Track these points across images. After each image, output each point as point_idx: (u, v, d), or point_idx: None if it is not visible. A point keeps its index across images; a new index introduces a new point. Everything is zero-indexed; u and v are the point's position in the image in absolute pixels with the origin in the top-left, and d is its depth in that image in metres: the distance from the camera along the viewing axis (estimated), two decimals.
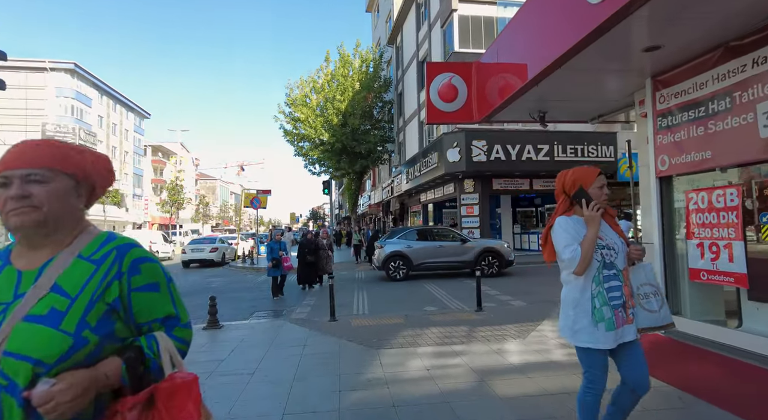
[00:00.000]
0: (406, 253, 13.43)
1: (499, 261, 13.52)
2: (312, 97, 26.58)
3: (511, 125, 19.02)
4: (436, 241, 14.01)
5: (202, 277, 16.62)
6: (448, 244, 13.83)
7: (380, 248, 13.75)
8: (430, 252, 13.61)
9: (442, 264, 13.66)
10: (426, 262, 13.53)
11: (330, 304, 7.57)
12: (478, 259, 13.36)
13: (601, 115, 8.11)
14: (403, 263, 13.34)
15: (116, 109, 55.18)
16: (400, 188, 26.64)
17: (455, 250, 13.64)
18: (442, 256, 13.63)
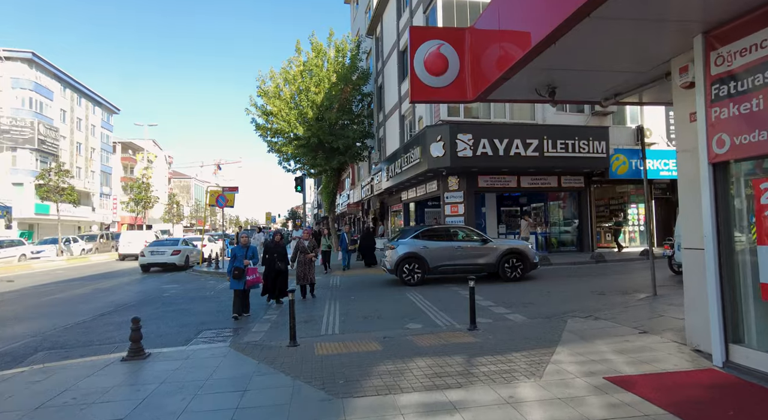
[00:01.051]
0: (421, 254, 12.00)
1: (523, 263, 12.21)
2: (285, 90, 24.89)
3: (498, 118, 17.78)
4: (454, 241, 12.45)
5: (158, 284, 14.87)
6: (467, 244, 12.32)
7: (392, 249, 12.26)
8: (448, 253, 12.15)
9: (461, 267, 12.12)
10: (443, 265, 12.10)
11: (290, 325, 6.07)
12: (501, 261, 12.09)
13: (618, 93, 6.77)
14: (418, 266, 11.95)
15: (81, 103, 52.28)
16: (380, 186, 25.21)
17: (476, 252, 12.21)
18: (461, 258, 12.16)
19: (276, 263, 9.61)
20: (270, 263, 9.71)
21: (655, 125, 18.96)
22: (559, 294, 9.83)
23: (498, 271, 12.11)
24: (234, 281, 8.41)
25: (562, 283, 11.51)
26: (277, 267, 9.61)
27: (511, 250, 12.26)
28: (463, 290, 10.60)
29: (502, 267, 12.09)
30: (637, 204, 20.16)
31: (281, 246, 9.90)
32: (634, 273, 12.87)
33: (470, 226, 14.75)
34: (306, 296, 10.36)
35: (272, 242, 10.08)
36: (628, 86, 6.31)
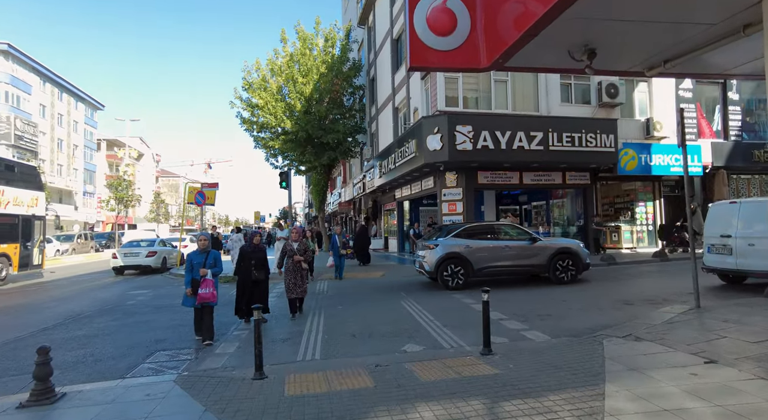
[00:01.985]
0: (464, 255, 10.70)
1: (575, 265, 11.08)
2: (271, 81, 23.47)
3: (500, 109, 16.51)
4: (500, 240, 11.22)
5: (126, 289, 13.42)
6: (515, 243, 11.14)
7: (431, 248, 10.92)
8: (494, 254, 10.92)
9: (508, 269, 11.02)
10: (489, 267, 10.86)
11: (255, 352, 4.72)
12: (552, 262, 10.96)
13: (668, 59, 5.47)
14: (462, 268, 10.65)
15: (62, 98, 50.37)
16: (373, 184, 23.88)
17: (524, 252, 11.03)
18: (508, 258, 10.96)
19: (252, 272, 7.73)
20: (245, 272, 7.81)
21: (665, 118, 17.79)
22: (577, 303, 8.56)
23: (548, 272, 11.00)
24: (186, 298, 6.63)
25: (577, 289, 10.24)
26: (254, 277, 7.73)
27: (562, 250, 11.13)
28: (466, 298, 9.31)
29: (552, 268, 10.96)
30: (645, 202, 18.98)
31: (260, 250, 8.05)
32: (653, 277, 11.67)
33: (510, 223, 13.49)
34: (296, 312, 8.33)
35: (249, 245, 8.21)
36: (684, 47, 5.02)
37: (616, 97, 17.02)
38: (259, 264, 7.84)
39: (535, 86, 17.02)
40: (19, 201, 16.15)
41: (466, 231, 11.29)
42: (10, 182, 15.78)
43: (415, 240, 21.17)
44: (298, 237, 8.53)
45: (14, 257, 15.80)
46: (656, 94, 18.22)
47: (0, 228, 15.29)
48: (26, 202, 16.54)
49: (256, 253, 7.98)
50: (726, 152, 18.58)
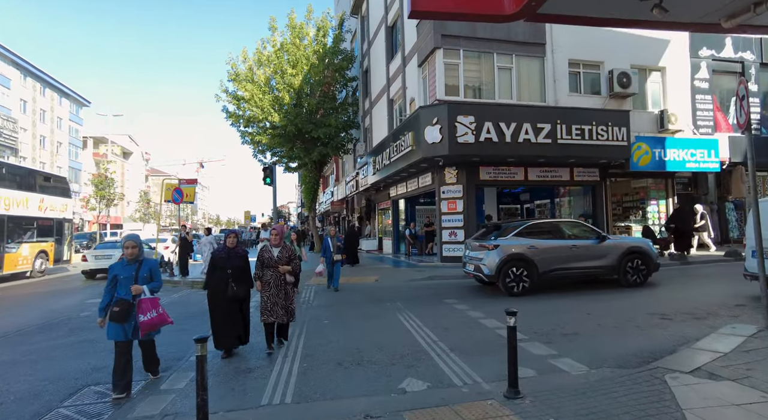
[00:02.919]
0: (529, 256, 9.53)
1: (646, 265, 10.05)
2: (258, 72, 22.06)
3: (504, 98, 15.22)
4: (566, 239, 10.04)
5: (86, 297, 11.98)
6: (581, 243, 9.99)
7: (489, 249, 9.72)
8: (561, 254, 9.76)
9: (576, 271, 9.85)
10: (556, 269, 9.69)
11: (197, 401, 3.38)
12: (622, 263, 9.92)
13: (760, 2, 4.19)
14: (526, 271, 9.48)
15: (45, 94, 48.57)
16: (366, 181, 22.52)
17: (593, 252, 9.92)
18: (575, 259, 9.79)
19: (230, 286, 5.73)
20: (217, 287, 5.78)
21: (681, 110, 16.58)
22: (604, 316, 7.25)
23: (617, 275, 9.94)
24: (113, 326, 4.57)
25: (599, 298, 8.95)
26: (231, 293, 5.70)
27: (632, 249, 10.05)
28: (473, 311, 7.98)
29: (623, 270, 9.89)
30: (657, 200, 17.76)
31: (238, 256, 5.91)
32: (677, 283, 10.39)
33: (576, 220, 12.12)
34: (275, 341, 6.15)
35: (222, 249, 5.99)
36: None
37: (628, 87, 15.77)
38: (238, 275, 5.78)
39: (542, 74, 15.74)
40: (54, 207, 18.97)
41: (527, 229, 10.01)
42: (46, 191, 18.60)
43: (412, 241, 19.95)
44: (279, 240, 6.18)
45: (51, 253, 18.54)
46: (670, 85, 16.99)
47: (40, 229, 18.00)
48: (58, 208, 19.39)
49: (232, 259, 5.82)
50: (744, 147, 17.35)
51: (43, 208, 18.12)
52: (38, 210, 17.79)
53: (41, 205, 17.96)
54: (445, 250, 15.44)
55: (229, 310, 5.78)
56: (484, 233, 11.02)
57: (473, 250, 10.38)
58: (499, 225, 10.70)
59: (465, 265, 10.84)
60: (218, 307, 5.81)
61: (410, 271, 14.65)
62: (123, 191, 66.87)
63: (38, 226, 17.85)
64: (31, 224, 17.51)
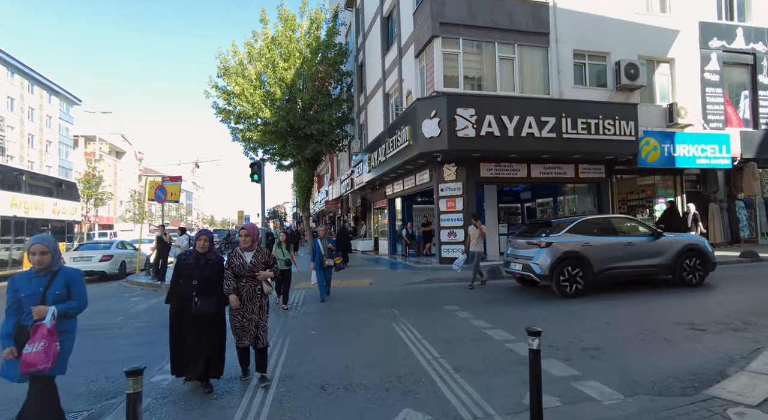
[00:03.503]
0: (583, 254, 8.89)
1: (703, 264, 9.54)
2: (249, 67, 21.19)
3: (506, 90, 14.43)
4: (620, 236, 9.44)
5: None
6: (636, 240, 9.39)
7: (540, 247, 9.06)
8: (616, 252, 9.14)
9: (631, 270, 9.26)
10: (610, 269, 9.07)
11: None
12: (679, 261, 9.42)
13: None
14: (580, 270, 8.86)
15: (34, 91, 47.52)
16: (361, 180, 21.67)
17: (649, 249, 9.35)
18: (631, 258, 9.20)
19: (194, 301, 4.47)
20: (182, 300, 4.57)
21: (690, 104, 15.82)
22: (625, 325, 6.45)
23: (672, 274, 9.45)
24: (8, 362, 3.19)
25: (615, 303, 8.15)
26: (196, 308, 4.45)
27: (689, 247, 9.52)
28: (476, 320, 7.16)
29: (679, 269, 9.39)
30: (665, 198, 16.98)
31: (210, 262, 4.66)
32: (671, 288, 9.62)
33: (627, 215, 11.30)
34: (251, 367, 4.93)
35: (191, 254, 4.71)
36: None
37: (636, 79, 15.00)
38: (205, 287, 4.53)
39: (546, 65, 14.96)
40: (65, 210, 20.72)
41: (579, 225, 9.34)
42: (59, 195, 20.44)
43: (409, 241, 19.12)
44: (251, 243, 4.79)
45: (63, 252, 18.28)
46: (679, 77, 16.24)
47: (54, 230, 19.40)
48: (69, 211, 21.13)
49: (201, 267, 4.59)
50: (756, 142, 16.65)
51: (56, 211, 19.99)
52: (52, 213, 19.64)
53: (54, 208, 19.85)
54: (444, 251, 14.63)
55: (193, 331, 4.50)
56: (529, 230, 10.35)
57: (520, 248, 9.74)
58: (549, 221, 9.98)
59: (508, 265, 10.17)
60: (180, 326, 4.59)
61: (407, 273, 13.84)
62: (114, 191, 65.89)
63: (52, 227, 19.54)
64: (46, 226, 19.20)
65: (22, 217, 17.26)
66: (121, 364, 5.61)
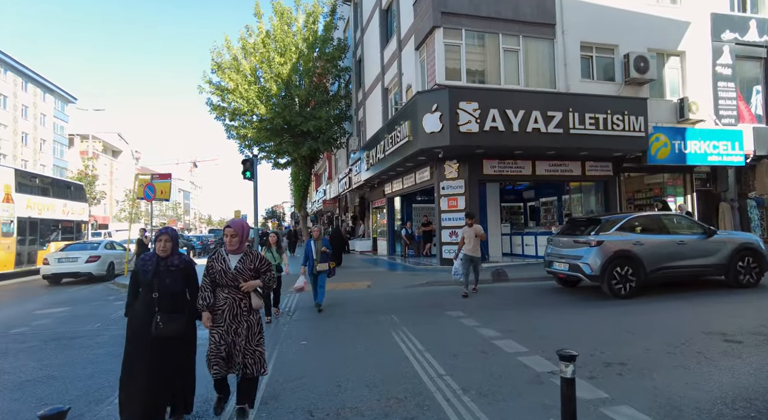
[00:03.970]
0: (635, 253, 8.49)
1: (759, 264, 9.14)
2: (243, 62, 20.55)
3: (511, 84, 13.80)
4: (671, 234, 9.00)
5: (37, 306, 10.41)
6: (688, 238, 8.98)
7: (590, 245, 8.60)
8: (668, 251, 8.73)
9: (683, 270, 8.87)
10: (663, 268, 8.66)
11: None
12: (733, 261, 9.03)
13: None
14: (632, 270, 8.45)
15: (27, 89, 46.77)
16: (359, 178, 21.04)
17: (701, 248, 8.95)
18: (683, 257, 8.80)
19: (155, 321, 3.53)
20: (139, 318, 3.61)
21: (701, 98, 15.20)
22: (648, 335, 5.83)
23: (725, 274, 9.09)
24: None
25: (632, 309, 7.53)
26: (157, 330, 3.52)
27: (744, 246, 9.13)
28: (484, 329, 6.53)
29: (733, 269, 8.99)
30: (674, 197, 16.36)
31: (172, 270, 3.71)
32: (713, 289, 9.00)
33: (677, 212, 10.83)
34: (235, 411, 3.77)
35: (150, 259, 3.73)
36: None
37: (646, 73, 14.37)
38: (169, 301, 3.60)
39: (552, 58, 14.33)
40: (74, 210, 22.20)
41: (629, 223, 8.93)
42: (68, 197, 21.83)
43: (408, 241, 18.49)
44: (238, 244, 3.80)
45: None
46: (690, 71, 15.61)
47: (64, 230, 21.11)
48: (77, 211, 22.65)
49: (162, 276, 3.64)
50: None
51: (66, 211, 21.35)
52: (62, 213, 21.04)
53: (64, 209, 21.23)
54: (445, 252, 14.01)
55: (152, 358, 3.51)
56: (571, 228, 9.83)
57: (566, 247, 9.23)
58: (596, 218, 9.47)
59: (550, 265, 9.63)
60: (135, 351, 3.57)
61: (407, 275, 13.22)
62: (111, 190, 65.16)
63: (62, 227, 21.01)
64: (56, 226, 20.68)
65: (36, 218, 18.83)
66: (85, 381, 4.98)
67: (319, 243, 8.56)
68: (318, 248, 8.53)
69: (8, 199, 17.14)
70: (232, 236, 3.80)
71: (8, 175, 17.65)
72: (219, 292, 3.74)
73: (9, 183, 17.36)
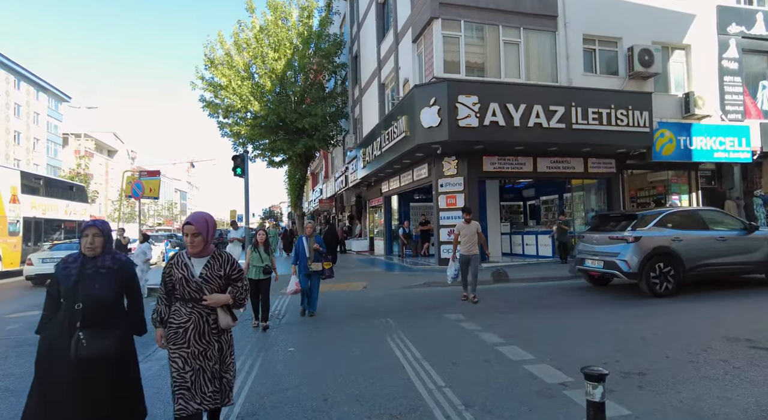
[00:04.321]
0: (674, 249, 8.20)
1: None
2: (236, 58, 20.07)
3: (511, 77, 13.34)
4: (710, 230, 8.67)
5: (14, 308, 9.90)
6: (728, 234, 8.66)
7: (630, 241, 8.21)
8: (708, 248, 8.44)
9: (723, 268, 8.57)
10: (702, 265, 8.37)
11: None
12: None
13: None
14: (671, 268, 8.15)
15: (20, 87, 46.14)
16: (356, 176, 20.56)
17: (740, 245, 8.63)
18: (722, 254, 8.48)
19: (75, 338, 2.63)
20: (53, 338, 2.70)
21: (707, 93, 14.76)
22: (664, 340, 5.37)
23: (766, 273, 8.85)
24: None
25: (645, 310, 7.07)
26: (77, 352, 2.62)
27: None
28: (486, 333, 6.05)
29: None
30: (679, 195, 15.92)
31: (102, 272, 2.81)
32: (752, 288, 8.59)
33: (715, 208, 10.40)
34: None
35: (74, 261, 2.82)
36: None
37: (650, 66, 13.93)
38: (97, 313, 2.72)
39: (553, 51, 13.88)
40: (76, 211, 22.57)
41: (667, 218, 8.63)
42: (71, 198, 22.36)
43: (406, 241, 18.02)
44: (201, 245, 2.97)
45: None
46: (696, 65, 15.18)
47: (67, 230, 21.30)
48: (79, 212, 22.92)
49: (87, 281, 2.75)
50: None
51: (68, 212, 21.84)
52: (65, 213, 21.49)
53: (66, 209, 21.71)
54: (444, 252, 13.53)
55: (72, 390, 2.61)
56: (601, 224, 9.45)
57: (600, 243, 8.88)
58: (632, 214, 9.09)
59: (582, 262, 9.21)
60: (48, 380, 2.66)
61: (404, 275, 12.74)
62: (106, 190, 64.52)
63: (65, 227, 21.36)
64: (60, 225, 21.17)
65: (40, 218, 19.43)
66: None
67: (312, 240, 7.89)
68: (311, 246, 7.82)
69: (14, 200, 17.86)
70: (193, 235, 2.90)
71: (14, 177, 18.44)
72: (181, 306, 2.91)
73: (15, 184, 18.06)
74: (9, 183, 17.73)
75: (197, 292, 2.90)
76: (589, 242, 9.21)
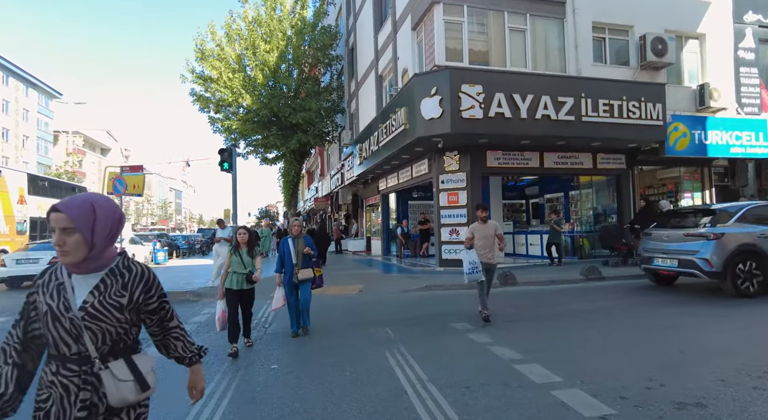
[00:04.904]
0: (760, 247, 7.66)
1: None
2: (228, 49, 19.24)
3: (517, 66, 12.56)
4: None
5: None
6: None
7: (712, 238, 7.67)
8: None
9: None
10: None
11: None
12: None
13: None
14: (757, 266, 7.63)
15: (9, 83, 45.13)
16: (352, 173, 19.74)
17: None
18: None
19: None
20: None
21: (723, 85, 14.01)
22: (713, 357, 4.59)
23: None
24: None
25: (674, 320, 6.29)
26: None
27: None
28: (499, 348, 5.25)
29: None
30: (692, 192, 15.17)
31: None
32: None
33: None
34: None
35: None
36: None
37: (664, 56, 13.17)
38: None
39: (561, 39, 13.11)
40: None
41: (750, 213, 8.02)
42: None
43: (404, 241, 17.23)
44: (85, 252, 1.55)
45: None
46: (710, 55, 14.42)
47: None
48: None
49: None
50: None
51: None
52: None
53: None
54: (445, 252, 12.75)
55: None
56: (668, 221, 8.88)
57: (673, 241, 8.30)
58: (709, 209, 8.44)
59: (650, 261, 8.59)
60: None
61: (403, 278, 11.94)
62: (99, 188, 63.41)
63: None
64: None
65: (42, 218, 19.29)
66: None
67: (300, 242, 6.40)
68: (299, 249, 6.35)
69: (22, 201, 18.60)
70: (63, 233, 1.54)
71: (22, 179, 19.20)
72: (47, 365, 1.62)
73: (22, 186, 18.77)
74: (17, 184, 18.54)
75: (74, 338, 1.57)
76: (659, 240, 8.58)
